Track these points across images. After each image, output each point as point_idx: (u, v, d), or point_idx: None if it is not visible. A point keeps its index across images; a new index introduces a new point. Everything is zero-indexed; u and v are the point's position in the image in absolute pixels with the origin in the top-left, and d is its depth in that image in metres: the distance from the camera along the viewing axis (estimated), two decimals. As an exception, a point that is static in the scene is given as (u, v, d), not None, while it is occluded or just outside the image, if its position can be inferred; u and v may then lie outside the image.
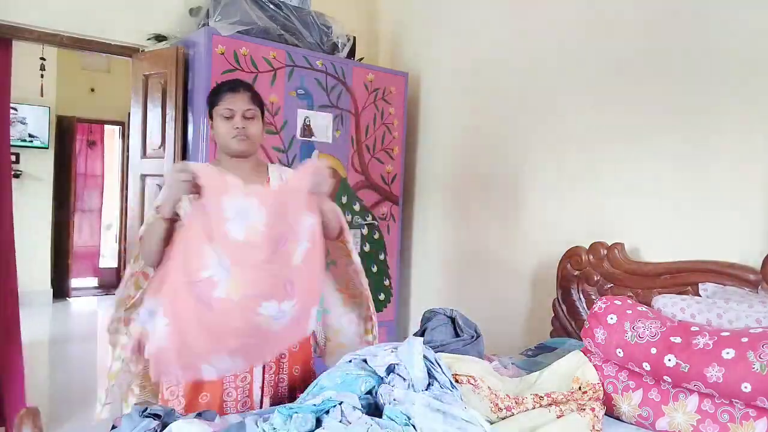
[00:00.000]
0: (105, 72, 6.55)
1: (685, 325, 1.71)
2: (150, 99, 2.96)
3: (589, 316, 1.90)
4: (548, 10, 2.82)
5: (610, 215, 2.53)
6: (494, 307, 3.05)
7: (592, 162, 2.60)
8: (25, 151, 5.57)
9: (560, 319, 2.58)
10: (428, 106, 3.57)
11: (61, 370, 4.09)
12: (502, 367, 2.07)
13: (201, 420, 1.42)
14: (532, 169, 2.89)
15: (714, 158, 2.18)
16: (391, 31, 3.84)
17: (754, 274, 2.00)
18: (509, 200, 3.00)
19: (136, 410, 1.40)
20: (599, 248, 2.46)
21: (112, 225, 7.32)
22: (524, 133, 2.93)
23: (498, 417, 1.63)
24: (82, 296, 6.43)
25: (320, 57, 3.10)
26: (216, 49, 2.72)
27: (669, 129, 2.32)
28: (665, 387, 1.67)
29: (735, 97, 2.12)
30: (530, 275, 2.89)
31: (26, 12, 2.75)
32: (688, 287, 2.15)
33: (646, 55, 2.40)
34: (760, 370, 1.45)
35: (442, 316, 2.08)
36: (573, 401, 1.71)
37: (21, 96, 4.95)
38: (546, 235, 2.80)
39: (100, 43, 2.97)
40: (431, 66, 3.54)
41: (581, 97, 2.65)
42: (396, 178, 3.50)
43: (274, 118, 2.94)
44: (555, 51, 2.78)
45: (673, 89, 2.31)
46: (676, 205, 2.30)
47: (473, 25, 3.25)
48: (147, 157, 3.00)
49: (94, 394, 3.75)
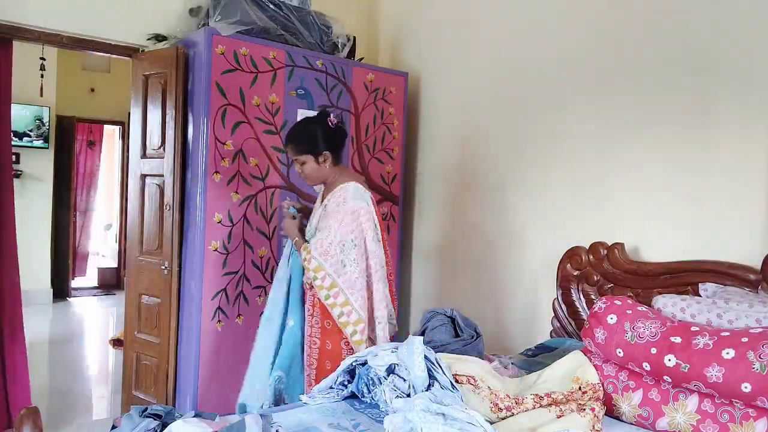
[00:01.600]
0: (105, 72, 6.56)
1: (685, 325, 1.71)
2: (150, 99, 2.96)
3: (589, 316, 1.90)
4: (548, 10, 2.82)
5: (610, 215, 2.53)
6: (494, 307, 3.05)
7: (593, 162, 2.60)
8: (25, 151, 5.57)
9: (560, 319, 2.58)
10: (428, 106, 3.57)
11: (61, 370, 4.09)
12: (502, 367, 2.07)
13: (200, 420, 1.42)
14: (532, 169, 2.88)
15: (714, 158, 2.18)
16: (391, 31, 3.84)
17: (754, 274, 2.00)
18: (509, 200, 3.00)
19: (136, 410, 1.40)
20: (599, 248, 2.46)
21: (112, 225, 7.33)
22: (524, 133, 2.93)
23: (498, 417, 1.63)
24: (82, 296, 6.43)
25: (320, 57, 3.10)
26: (216, 49, 2.72)
27: (669, 129, 2.32)
28: (665, 387, 1.67)
29: (735, 98, 2.12)
30: (530, 275, 2.89)
31: (26, 12, 2.75)
32: (688, 287, 2.15)
33: (646, 56, 2.40)
34: (760, 370, 1.45)
35: (442, 316, 2.09)
36: (573, 401, 1.71)
37: (21, 96, 4.95)
38: (546, 235, 2.81)
39: (100, 43, 2.97)
40: (431, 66, 3.54)
41: (582, 98, 2.65)
42: (396, 178, 3.50)
43: (274, 118, 2.94)
44: (555, 51, 2.78)
45: (673, 90, 2.31)
46: (676, 205, 2.30)
47: (473, 25, 3.25)
48: (147, 157, 3.00)
49: (93, 394, 3.75)
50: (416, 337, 1.69)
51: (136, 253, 3.05)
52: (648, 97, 2.39)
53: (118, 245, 7.04)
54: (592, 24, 2.62)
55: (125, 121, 6.59)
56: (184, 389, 2.81)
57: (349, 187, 2.19)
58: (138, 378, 3.04)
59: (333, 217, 2.15)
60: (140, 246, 3.03)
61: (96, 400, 3.68)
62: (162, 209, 2.89)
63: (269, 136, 2.92)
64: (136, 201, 3.06)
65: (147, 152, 3.00)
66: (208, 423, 1.41)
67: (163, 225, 2.88)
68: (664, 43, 2.34)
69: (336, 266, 2.10)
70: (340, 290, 2.10)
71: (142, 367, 3.02)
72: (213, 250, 2.77)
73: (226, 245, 2.81)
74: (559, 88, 2.76)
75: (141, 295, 3.02)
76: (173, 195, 2.81)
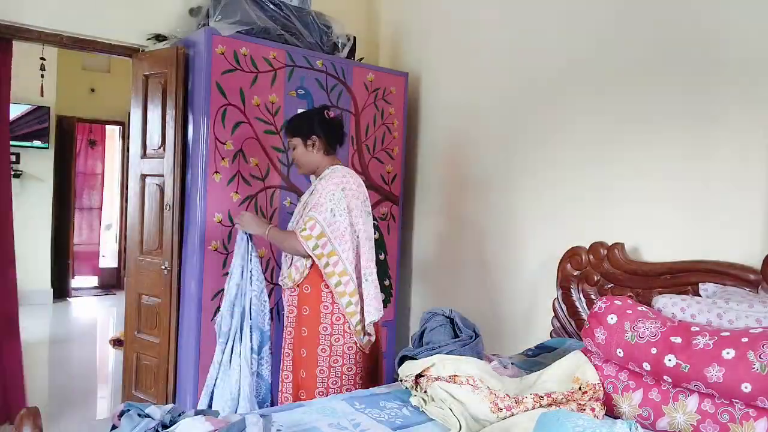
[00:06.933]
0: (105, 72, 6.56)
1: (686, 325, 1.71)
2: (150, 99, 2.96)
3: (590, 316, 1.90)
4: (549, 10, 2.82)
5: (610, 215, 2.53)
6: (494, 307, 3.05)
7: (593, 162, 2.60)
8: (25, 151, 5.57)
9: (560, 319, 2.58)
10: (428, 106, 3.57)
11: (61, 370, 4.09)
12: (502, 367, 2.07)
13: (206, 418, 1.42)
14: (532, 169, 2.88)
15: (714, 158, 2.18)
16: (392, 31, 3.84)
17: (754, 274, 2.00)
18: (509, 200, 3.00)
19: (135, 410, 1.40)
20: (599, 248, 2.46)
21: (112, 225, 7.32)
22: (524, 133, 2.93)
23: (498, 417, 1.63)
24: (82, 296, 6.43)
25: (320, 57, 3.10)
26: (216, 49, 2.72)
27: (669, 129, 2.32)
28: (665, 387, 1.67)
29: (735, 98, 2.12)
30: (530, 275, 2.89)
31: (26, 12, 2.75)
32: (688, 287, 2.15)
33: (647, 57, 2.40)
34: (760, 370, 1.45)
35: (441, 317, 2.08)
36: (573, 401, 1.71)
37: (21, 96, 4.95)
38: (546, 235, 2.80)
39: (100, 43, 2.97)
40: (431, 66, 3.54)
41: (582, 98, 2.65)
42: (396, 178, 3.50)
43: (274, 118, 2.94)
44: (555, 51, 2.78)
45: (673, 90, 2.31)
46: (676, 205, 2.30)
47: (474, 25, 3.25)
48: (147, 157, 3.00)
49: (94, 394, 3.75)
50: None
51: (136, 253, 3.05)
52: (648, 97, 2.39)
53: (118, 245, 7.04)
54: (593, 24, 2.62)
55: (125, 121, 6.58)
56: (184, 389, 2.81)
57: (336, 169, 2.22)
58: (138, 378, 3.04)
59: (318, 191, 2.16)
60: (140, 246, 3.03)
61: (96, 400, 3.68)
62: (162, 209, 2.89)
63: (269, 136, 2.92)
64: (136, 201, 3.06)
65: (147, 152, 3.00)
66: (210, 421, 1.41)
67: (163, 225, 2.88)
68: (664, 44, 2.34)
69: (325, 214, 2.10)
70: (328, 240, 2.10)
71: (142, 367, 3.02)
72: (213, 250, 2.77)
73: (226, 245, 2.81)
74: (559, 88, 2.76)
75: (141, 295, 3.02)
76: (173, 195, 2.81)
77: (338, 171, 2.20)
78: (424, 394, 1.77)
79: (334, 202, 2.12)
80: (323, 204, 2.12)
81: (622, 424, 1.32)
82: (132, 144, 3.12)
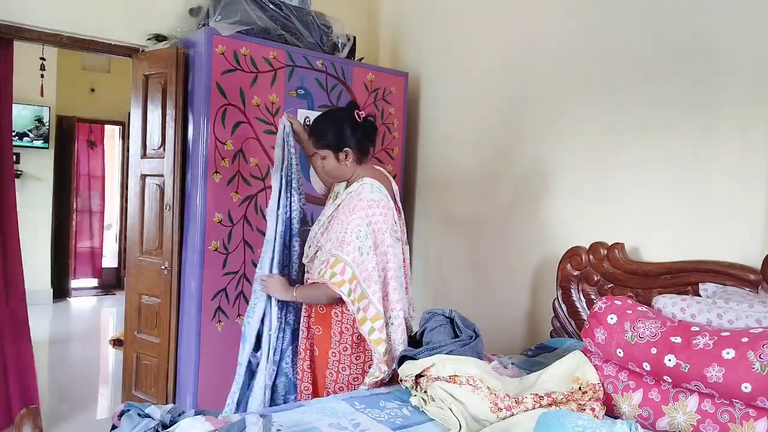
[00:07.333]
0: (105, 72, 6.56)
1: (686, 325, 1.71)
2: (150, 99, 2.96)
3: (589, 316, 1.90)
4: (549, 11, 2.82)
5: (610, 215, 2.53)
6: (494, 307, 3.05)
7: (593, 162, 2.60)
8: (26, 151, 5.57)
9: (560, 319, 2.58)
10: (428, 106, 3.57)
11: (61, 370, 4.09)
12: (502, 367, 2.07)
13: (205, 417, 1.42)
14: (532, 169, 2.88)
15: (714, 158, 2.18)
16: (392, 32, 3.85)
17: (754, 274, 2.00)
18: (509, 200, 3.00)
19: (135, 410, 1.40)
20: (599, 248, 2.46)
21: (112, 225, 7.32)
22: (524, 134, 2.93)
23: (498, 417, 1.63)
24: (82, 296, 6.44)
25: (320, 57, 3.10)
26: (216, 49, 2.72)
27: (669, 129, 2.32)
28: (665, 387, 1.67)
29: (735, 98, 2.12)
30: (530, 275, 2.89)
31: (26, 12, 2.75)
32: (688, 287, 2.15)
33: (647, 57, 2.40)
34: (760, 370, 1.45)
35: (441, 317, 2.08)
36: (573, 401, 1.71)
37: (21, 96, 4.95)
38: (546, 235, 2.80)
39: (100, 43, 2.97)
40: (431, 66, 3.54)
41: (582, 98, 2.65)
42: (396, 178, 3.50)
43: (274, 118, 2.94)
44: (556, 51, 2.78)
45: (674, 91, 2.31)
46: (676, 205, 2.30)
47: (474, 25, 3.26)
48: (147, 157, 3.00)
49: (94, 394, 3.76)
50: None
51: (136, 253, 3.06)
52: (648, 98, 2.39)
53: (118, 245, 7.04)
54: (593, 25, 2.62)
55: (125, 121, 6.59)
56: (184, 389, 2.81)
57: (365, 184, 2.01)
58: (138, 378, 3.04)
59: (343, 210, 2.00)
60: (140, 246, 3.03)
61: (96, 400, 3.68)
62: (162, 209, 2.89)
63: (269, 136, 2.92)
64: (136, 201, 3.06)
65: (147, 152, 3.00)
66: (210, 421, 1.41)
67: (163, 225, 2.88)
68: (665, 45, 2.34)
69: (354, 254, 1.91)
70: (357, 283, 1.91)
71: (142, 367, 3.02)
72: (213, 250, 2.77)
73: (226, 245, 2.81)
74: (559, 88, 2.76)
75: (141, 295, 3.03)
76: (173, 195, 2.81)
77: (366, 191, 1.99)
78: (424, 394, 1.77)
79: (360, 240, 1.92)
80: (350, 243, 1.92)
81: (622, 424, 1.32)
82: (132, 144, 3.12)
